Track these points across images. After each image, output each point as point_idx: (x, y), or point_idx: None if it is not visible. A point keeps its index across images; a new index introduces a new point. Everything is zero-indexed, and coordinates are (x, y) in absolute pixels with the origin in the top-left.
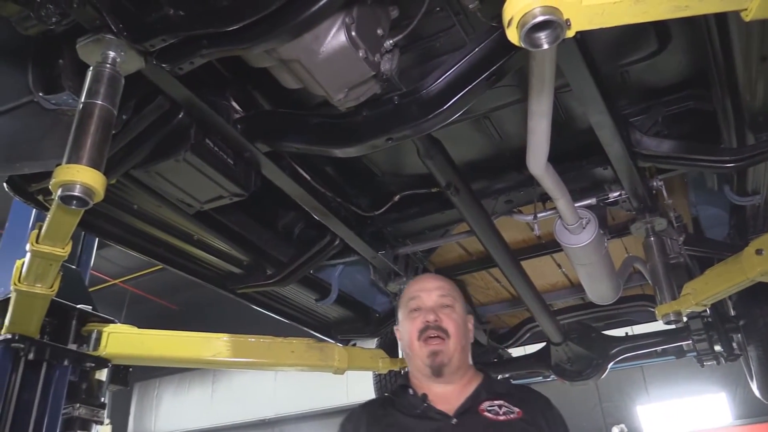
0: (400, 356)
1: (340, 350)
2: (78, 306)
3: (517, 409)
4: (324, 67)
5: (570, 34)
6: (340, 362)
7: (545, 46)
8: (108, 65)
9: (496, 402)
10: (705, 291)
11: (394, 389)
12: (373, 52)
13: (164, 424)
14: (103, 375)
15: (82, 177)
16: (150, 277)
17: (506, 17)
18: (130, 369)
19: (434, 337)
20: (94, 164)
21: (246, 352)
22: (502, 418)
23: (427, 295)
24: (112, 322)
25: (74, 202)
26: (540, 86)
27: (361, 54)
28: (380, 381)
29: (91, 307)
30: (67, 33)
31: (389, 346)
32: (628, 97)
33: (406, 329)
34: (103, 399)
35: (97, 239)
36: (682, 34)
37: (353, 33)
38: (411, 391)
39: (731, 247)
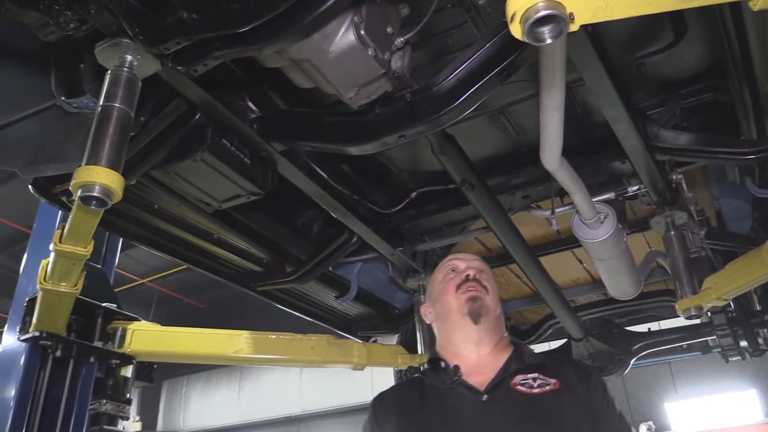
0: (420, 352)
1: (360, 346)
2: (103, 304)
3: (553, 380)
4: (334, 66)
5: (573, 28)
6: (359, 358)
7: (548, 41)
8: (125, 69)
9: (530, 375)
10: (726, 285)
11: (426, 365)
12: (382, 50)
13: (193, 420)
14: (128, 372)
15: (101, 178)
16: (177, 276)
17: (509, 12)
18: (155, 366)
19: (473, 289)
20: (112, 165)
21: (267, 349)
22: (536, 391)
23: (465, 261)
24: (137, 319)
25: (93, 202)
26: (551, 80)
27: (370, 52)
28: (401, 377)
29: (115, 305)
30: (87, 38)
31: (409, 343)
32: (644, 89)
33: (441, 292)
34: (128, 395)
35: (121, 239)
36: (698, 24)
37: (362, 32)
38: (443, 364)
39: (754, 240)
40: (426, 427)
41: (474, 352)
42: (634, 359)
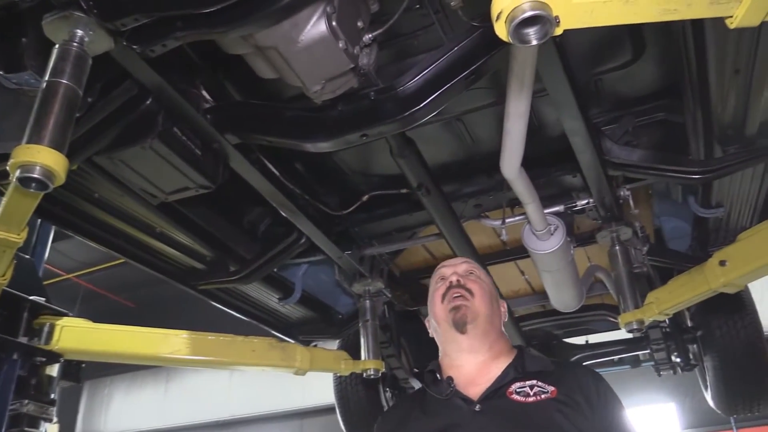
0: (363, 358)
1: (302, 350)
2: (30, 297)
3: (551, 388)
4: (302, 56)
5: (558, 31)
6: (301, 363)
7: (534, 42)
8: (75, 44)
9: (528, 382)
10: (668, 300)
11: (426, 377)
12: (352, 44)
13: (115, 424)
14: (54, 370)
15: (43, 158)
16: (106, 273)
17: (495, 11)
18: (83, 365)
19: (458, 296)
20: (56, 145)
21: (205, 350)
22: (531, 399)
23: (451, 267)
24: (66, 315)
25: (33, 184)
26: (519, 87)
27: (341, 45)
28: (341, 383)
29: (44, 298)
30: (33, 10)
31: (352, 348)
32: (600, 105)
33: (431, 304)
34: (53, 395)
35: (52, 229)
36: (656, 45)
37: (334, 23)
38: (438, 376)
39: (693, 258)
40: None
41: (469, 362)
42: None
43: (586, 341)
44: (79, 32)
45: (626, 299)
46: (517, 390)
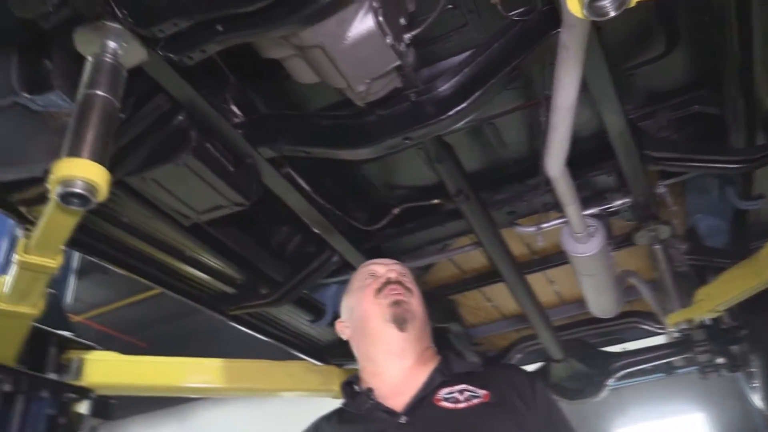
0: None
1: (340, 373)
2: (57, 331)
3: (483, 392)
4: (349, 54)
5: (632, 2)
6: None
7: (612, 13)
8: (108, 56)
9: (457, 387)
10: (719, 296)
11: (343, 390)
12: (398, 41)
13: None
14: (83, 407)
15: (85, 172)
16: (115, 313)
17: None
18: (113, 401)
19: (397, 293)
20: (98, 158)
21: (242, 377)
22: (462, 405)
23: (384, 266)
24: (94, 348)
25: (75, 200)
26: (569, 77)
27: (388, 41)
28: None
29: (71, 333)
30: (57, 29)
31: None
32: (633, 101)
33: (358, 300)
34: None
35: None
36: (690, 36)
37: (381, 18)
38: (357, 388)
39: (732, 254)
40: None
41: (395, 367)
42: (612, 380)
43: (623, 349)
44: (112, 44)
45: (672, 299)
46: (446, 396)
